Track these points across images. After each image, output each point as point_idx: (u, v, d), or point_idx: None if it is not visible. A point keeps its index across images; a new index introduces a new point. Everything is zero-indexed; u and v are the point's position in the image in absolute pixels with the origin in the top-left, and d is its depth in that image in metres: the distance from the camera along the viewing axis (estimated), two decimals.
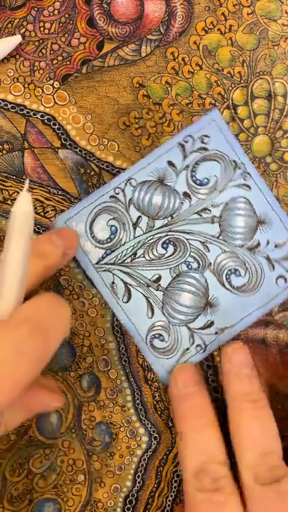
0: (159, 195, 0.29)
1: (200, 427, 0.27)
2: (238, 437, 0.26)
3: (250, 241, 0.30)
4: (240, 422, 0.27)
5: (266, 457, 0.26)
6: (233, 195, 0.30)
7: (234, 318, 0.30)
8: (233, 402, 0.27)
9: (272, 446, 0.26)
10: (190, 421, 0.27)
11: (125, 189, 0.29)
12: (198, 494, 0.25)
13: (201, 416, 0.27)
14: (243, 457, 0.26)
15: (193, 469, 0.26)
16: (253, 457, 0.26)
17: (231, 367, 0.28)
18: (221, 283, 0.30)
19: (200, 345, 0.30)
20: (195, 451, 0.26)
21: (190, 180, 0.30)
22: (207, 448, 0.26)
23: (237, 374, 0.27)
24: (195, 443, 0.26)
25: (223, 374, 0.28)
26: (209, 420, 0.27)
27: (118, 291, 0.29)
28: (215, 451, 0.26)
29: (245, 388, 0.27)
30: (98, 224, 0.29)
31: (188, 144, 0.29)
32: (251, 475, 0.25)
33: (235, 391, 0.27)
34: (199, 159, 0.30)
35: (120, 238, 0.29)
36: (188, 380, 0.28)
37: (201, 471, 0.26)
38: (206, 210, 0.30)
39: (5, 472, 0.30)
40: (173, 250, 0.30)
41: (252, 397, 0.27)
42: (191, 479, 0.26)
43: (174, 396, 0.28)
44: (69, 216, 0.29)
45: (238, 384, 0.27)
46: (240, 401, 0.27)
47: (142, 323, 0.29)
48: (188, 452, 0.26)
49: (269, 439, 0.26)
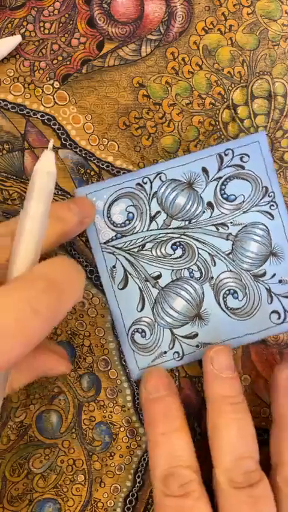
0: (184, 196, 0.30)
1: (168, 432, 0.27)
2: (216, 439, 0.26)
3: (257, 269, 0.30)
4: (218, 424, 0.26)
5: (242, 461, 0.26)
6: (254, 219, 0.30)
7: (218, 337, 0.30)
8: (212, 404, 0.27)
9: (249, 451, 0.26)
10: (158, 425, 0.27)
11: (154, 181, 0.30)
12: (165, 500, 0.25)
13: (170, 421, 0.27)
14: (219, 460, 0.26)
15: (161, 474, 0.26)
16: (229, 461, 0.26)
17: (212, 368, 0.27)
18: (216, 300, 0.30)
19: (178, 353, 0.30)
20: (163, 456, 0.26)
21: (218, 192, 0.30)
22: (175, 452, 0.26)
23: (218, 376, 0.27)
24: (163, 448, 0.26)
25: (204, 375, 0.28)
26: (178, 424, 0.27)
27: (116, 275, 0.29)
28: (183, 456, 0.26)
29: (225, 390, 0.27)
30: (117, 207, 0.29)
31: (227, 157, 0.30)
32: (226, 478, 0.26)
33: (215, 392, 0.27)
34: (233, 174, 0.30)
35: (134, 226, 0.30)
36: (157, 384, 0.28)
37: (168, 476, 0.26)
38: (224, 226, 0.30)
39: (5, 472, 0.30)
40: (181, 254, 0.30)
41: (233, 400, 0.27)
42: (159, 484, 0.26)
43: (143, 401, 0.28)
44: (89, 190, 0.29)
45: (219, 386, 0.27)
46: (219, 404, 0.27)
47: (129, 314, 0.30)
48: (156, 457, 0.26)
49: (247, 443, 0.26)
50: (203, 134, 0.30)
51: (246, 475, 0.25)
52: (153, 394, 0.27)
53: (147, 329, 0.30)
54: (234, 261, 0.30)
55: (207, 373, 0.27)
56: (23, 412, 0.30)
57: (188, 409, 0.30)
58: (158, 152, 0.30)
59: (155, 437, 0.27)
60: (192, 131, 0.30)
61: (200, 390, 0.30)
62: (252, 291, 0.30)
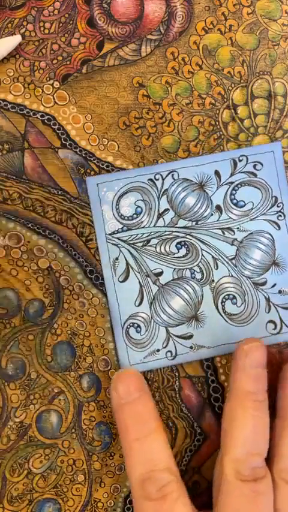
0: (194, 197, 0.30)
1: (142, 436, 0.27)
2: (231, 428, 0.27)
3: (258, 277, 0.30)
4: (236, 416, 0.27)
5: (252, 457, 0.26)
6: (261, 227, 0.30)
7: (212, 341, 0.30)
8: (235, 395, 0.27)
9: (260, 449, 0.26)
10: (131, 431, 0.27)
11: (165, 179, 0.30)
12: (144, 503, 0.26)
13: (143, 425, 0.27)
14: (230, 449, 0.26)
15: (138, 479, 0.26)
16: (240, 453, 0.26)
17: (244, 362, 0.27)
18: (214, 304, 0.30)
19: (171, 352, 0.30)
20: (138, 461, 0.26)
21: (228, 197, 0.30)
22: (150, 456, 0.26)
23: (248, 371, 0.27)
24: (138, 453, 0.26)
25: (233, 366, 0.28)
26: (152, 427, 0.27)
27: (118, 268, 0.30)
28: (159, 458, 0.26)
29: (251, 386, 0.27)
30: (127, 199, 0.30)
31: (241, 163, 0.30)
32: (233, 469, 0.26)
33: (241, 386, 0.27)
34: (244, 181, 0.30)
35: (142, 221, 0.30)
36: (128, 387, 0.27)
37: (145, 480, 0.26)
38: (231, 231, 0.30)
39: (4, 472, 0.30)
40: (185, 253, 0.30)
41: (256, 397, 0.27)
42: (137, 488, 0.26)
43: (115, 406, 0.28)
44: (101, 180, 0.30)
45: (245, 381, 0.27)
46: (242, 398, 0.27)
47: (127, 307, 0.30)
48: (132, 462, 0.26)
49: (259, 441, 0.27)
50: (203, 134, 0.30)
51: (253, 469, 0.26)
52: (124, 399, 0.27)
53: (143, 325, 0.30)
54: (236, 267, 0.30)
55: (237, 366, 0.27)
56: (22, 412, 0.30)
57: (188, 410, 0.30)
58: (158, 152, 0.30)
59: (129, 444, 0.27)
60: (192, 131, 0.30)
61: (200, 390, 0.30)
62: (251, 298, 0.30)
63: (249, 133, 0.31)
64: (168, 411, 0.30)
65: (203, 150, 0.30)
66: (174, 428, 0.30)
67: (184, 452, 0.30)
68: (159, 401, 0.30)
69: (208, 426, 0.30)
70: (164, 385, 0.30)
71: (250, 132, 0.31)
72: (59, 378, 0.30)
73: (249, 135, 0.31)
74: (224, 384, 0.30)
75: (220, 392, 0.30)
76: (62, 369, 0.30)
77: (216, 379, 0.30)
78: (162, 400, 0.30)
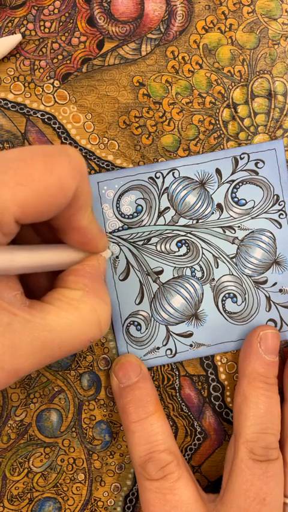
0: (195, 195, 0.30)
1: (142, 419, 0.27)
2: (244, 408, 0.27)
3: (259, 276, 0.30)
4: (249, 396, 0.27)
5: (265, 436, 0.27)
6: (262, 226, 0.30)
7: (212, 339, 0.30)
8: (248, 378, 0.28)
9: (273, 428, 0.27)
10: (131, 414, 0.28)
11: (166, 177, 0.30)
12: (146, 484, 0.27)
13: (143, 407, 0.27)
14: (243, 429, 0.27)
15: (140, 461, 0.27)
16: (253, 432, 0.27)
17: (258, 347, 0.28)
18: (215, 302, 0.30)
19: (171, 350, 0.30)
20: (139, 443, 0.27)
21: (229, 195, 0.30)
22: (150, 438, 0.27)
23: (262, 356, 0.28)
24: (138, 435, 0.27)
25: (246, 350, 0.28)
26: (151, 409, 0.28)
27: (118, 266, 0.30)
28: (159, 440, 0.27)
29: (263, 370, 0.28)
30: (127, 198, 0.30)
31: (243, 161, 0.30)
32: (246, 448, 0.27)
33: (254, 369, 0.28)
34: (246, 179, 0.30)
35: (142, 219, 0.30)
36: (127, 371, 0.28)
37: (146, 461, 0.27)
38: (231, 229, 0.30)
39: (5, 471, 0.30)
40: (185, 252, 0.30)
41: (268, 380, 0.28)
42: (139, 469, 0.27)
43: (115, 391, 0.29)
44: (101, 178, 0.30)
45: (259, 364, 0.28)
46: (255, 379, 0.28)
47: (127, 305, 0.30)
48: (133, 444, 0.27)
49: (272, 420, 0.27)
50: (203, 133, 0.30)
51: (266, 449, 0.26)
52: (124, 383, 0.28)
53: (143, 323, 0.30)
54: (237, 265, 0.30)
55: (251, 350, 0.28)
56: (23, 410, 0.30)
57: (188, 408, 0.30)
58: (158, 151, 0.30)
59: (129, 426, 0.27)
60: (192, 130, 0.30)
61: (200, 389, 0.30)
62: (252, 297, 0.30)
63: (249, 132, 0.31)
64: (169, 410, 0.30)
65: (203, 149, 0.30)
66: (175, 427, 0.30)
67: (184, 451, 0.30)
68: (160, 400, 0.30)
69: (208, 425, 0.30)
70: (164, 384, 0.30)
71: (250, 131, 0.31)
72: (59, 376, 0.30)
73: (249, 134, 0.31)
74: (224, 382, 0.30)
75: (220, 391, 0.30)
76: (62, 368, 0.30)
77: (216, 378, 0.30)
78: (163, 399, 0.30)
